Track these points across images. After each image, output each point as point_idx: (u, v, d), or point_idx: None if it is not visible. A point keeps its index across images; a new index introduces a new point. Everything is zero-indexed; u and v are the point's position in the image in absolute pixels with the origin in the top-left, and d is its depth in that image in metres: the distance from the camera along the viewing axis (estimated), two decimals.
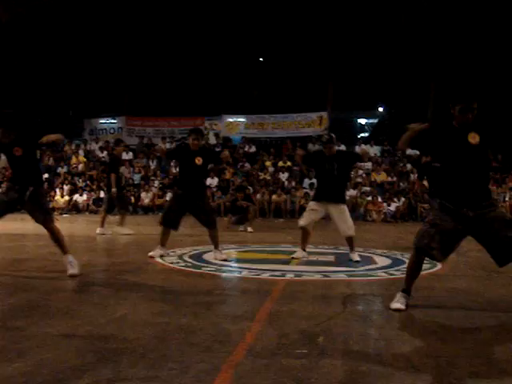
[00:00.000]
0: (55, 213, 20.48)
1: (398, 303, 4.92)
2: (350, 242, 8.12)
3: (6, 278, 6.31)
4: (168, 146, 26.21)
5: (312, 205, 8.19)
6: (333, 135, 8.36)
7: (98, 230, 12.54)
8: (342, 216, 8.02)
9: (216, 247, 8.11)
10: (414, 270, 5.13)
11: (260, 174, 23.66)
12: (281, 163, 24.29)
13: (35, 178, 6.53)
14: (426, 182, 11.94)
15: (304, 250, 8.24)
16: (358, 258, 8.03)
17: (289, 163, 24.27)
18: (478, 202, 4.79)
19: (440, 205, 4.92)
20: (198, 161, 7.89)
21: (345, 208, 8.16)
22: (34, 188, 6.36)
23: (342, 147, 25.14)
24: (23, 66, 28.54)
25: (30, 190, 6.28)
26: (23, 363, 3.27)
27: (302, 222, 8.16)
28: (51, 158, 26.39)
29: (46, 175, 24.27)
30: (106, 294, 5.48)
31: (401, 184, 22.34)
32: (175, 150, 9.05)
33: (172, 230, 8.15)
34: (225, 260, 7.91)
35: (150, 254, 8.15)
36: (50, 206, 21.28)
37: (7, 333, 3.95)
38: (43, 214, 6.36)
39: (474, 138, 4.82)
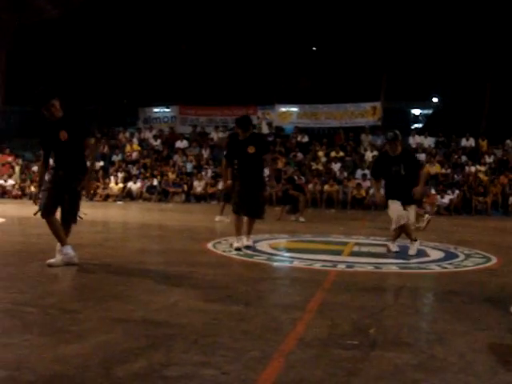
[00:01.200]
0: (109, 199, 20.92)
1: None
2: (405, 232, 7.99)
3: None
4: (221, 134, 26.39)
5: (391, 202, 7.98)
6: (397, 132, 8.04)
7: (217, 218, 12.78)
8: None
9: (249, 233, 8.07)
10: None
11: (312, 163, 23.58)
12: (333, 153, 24.16)
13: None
14: None
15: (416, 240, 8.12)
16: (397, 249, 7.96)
17: (341, 153, 24.11)
18: None
19: None
20: (251, 150, 7.86)
21: (413, 207, 8.06)
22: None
23: None
24: (80, 56, 29.09)
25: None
26: (80, 345, 3.35)
27: (401, 221, 7.98)
28: (106, 146, 26.88)
29: (101, 163, 24.79)
30: (159, 281, 5.57)
31: (455, 176, 21.94)
32: (229, 148, 8.81)
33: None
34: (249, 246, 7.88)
35: (235, 246, 7.90)
36: (105, 192, 21.74)
37: (64, 315, 4.05)
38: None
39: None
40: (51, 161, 6.44)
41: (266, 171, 8.84)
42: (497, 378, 3.03)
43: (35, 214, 6.23)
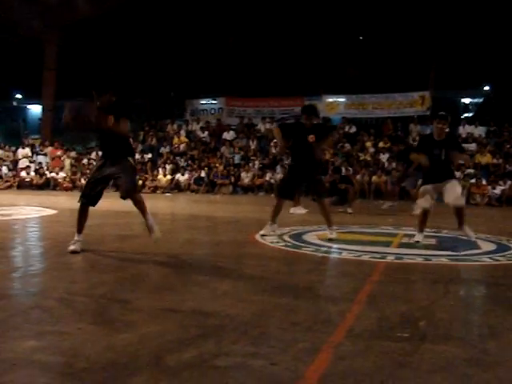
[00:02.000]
0: (158, 191, 21.17)
1: None
2: (460, 215, 7.86)
3: (112, 253, 6.59)
4: (268, 126, 26.39)
5: (425, 188, 7.92)
6: (447, 114, 8.07)
7: (292, 210, 12.85)
8: (453, 186, 7.75)
9: (329, 226, 8.12)
10: None
11: (360, 154, 23.39)
12: (381, 144, 23.90)
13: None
14: None
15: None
16: (472, 236, 7.81)
17: (389, 144, 23.85)
18: None
19: None
20: (312, 139, 7.89)
21: (456, 181, 7.92)
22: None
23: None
24: (127, 51, 29.44)
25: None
26: (131, 334, 3.42)
27: (423, 204, 7.90)
28: (154, 138, 27.18)
29: (149, 155, 25.10)
30: (208, 272, 5.62)
31: (507, 166, 21.46)
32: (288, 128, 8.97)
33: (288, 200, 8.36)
34: (331, 239, 7.93)
35: (262, 232, 8.17)
36: (153, 184, 22.02)
37: (116, 304, 4.14)
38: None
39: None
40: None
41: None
42: None
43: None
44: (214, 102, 30.26)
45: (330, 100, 28.36)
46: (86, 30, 27.94)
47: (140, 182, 22.83)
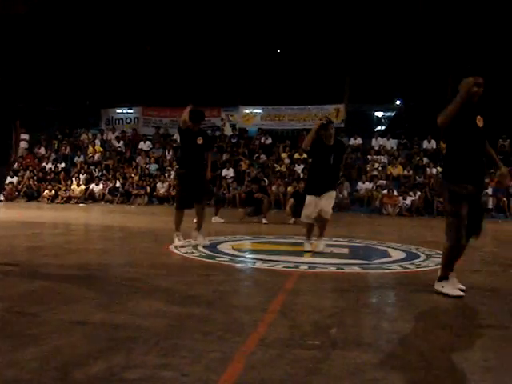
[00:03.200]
0: (71, 202, 20.66)
1: (456, 290, 5.14)
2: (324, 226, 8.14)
3: (22, 264, 6.36)
4: None
5: (308, 198, 8.11)
6: (331, 120, 8.37)
7: (213, 219, 13.11)
8: (329, 199, 7.99)
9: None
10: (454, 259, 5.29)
11: (276, 165, 23.63)
12: (297, 155, 24.23)
13: None
14: None
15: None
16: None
17: (304, 155, 24.19)
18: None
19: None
20: (199, 140, 8.24)
21: (333, 193, 8.15)
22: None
23: (359, 140, 25.14)
24: (41, 56, 28.70)
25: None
26: (38, 349, 3.30)
27: (305, 219, 8.15)
28: (68, 148, 26.58)
29: (62, 164, 24.51)
30: (120, 283, 5.51)
31: (417, 178, 22.21)
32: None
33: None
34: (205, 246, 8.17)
35: (174, 244, 8.21)
36: (67, 194, 21.48)
37: (23, 318, 3.99)
38: None
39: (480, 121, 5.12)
40: None
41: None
42: (455, 374, 3.08)
43: None
44: (130, 111, 29.93)
45: (247, 111, 28.60)
46: None
47: (53, 191, 22.25)
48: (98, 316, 4.09)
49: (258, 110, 28.66)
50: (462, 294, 5.10)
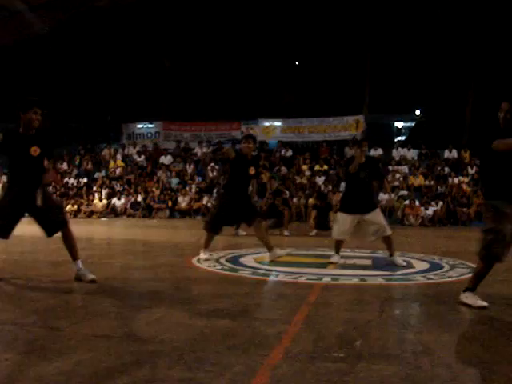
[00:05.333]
0: (94, 216, 20.79)
1: (479, 301, 5.06)
2: (388, 243, 8.04)
3: (45, 279, 6.40)
4: (205, 150, 26.44)
5: (339, 215, 8.13)
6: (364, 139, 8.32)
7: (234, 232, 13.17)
8: (376, 217, 7.95)
9: (269, 249, 8.26)
10: (481, 277, 5.23)
11: (296, 177, 23.61)
12: (317, 167, 24.21)
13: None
14: None
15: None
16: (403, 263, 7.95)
17: (325, 167, 24.17)
18: None
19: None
20: (251, 170, 8.17)
21: (378, 211, 8.08)
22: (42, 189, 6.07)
23: (379, 151, 25.05)
24: (63, 73, 29.03)
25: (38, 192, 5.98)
26: (62, 363, 3.30)
27: (337, 235, 8.15)
28: (89, 163, 26.79)
29: (84, 179, 24.70)
30: (144, 297, 5.52)
31: (439, 188, 22.06)
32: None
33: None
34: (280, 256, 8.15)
35: (198, 257, 8.27)
36: (89, 209, 21.62)
37: (47, 333, 4.00)
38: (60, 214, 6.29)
39: None
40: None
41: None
42: None
43: None
44: (150, 125, 30.13)
45: (267, 124, 28.64)
46: (19, 52, 27.40)
47: (75, 206, 22.40)
48: (121, 330, 4.09)
49: (277, 123, 28.70)
50: (485, 304, 5.03)
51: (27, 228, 6.45)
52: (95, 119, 32.07)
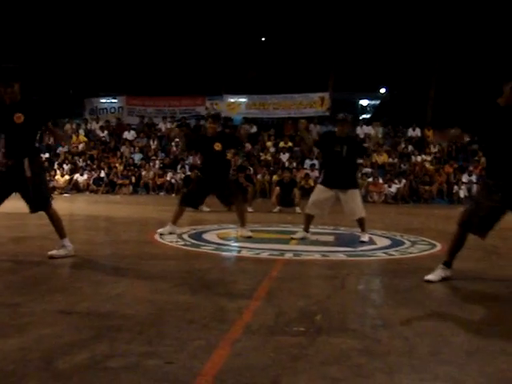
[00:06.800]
0: (55, 192, 20.51)
1: (430, 275, 5.19)
2: (361, 223, 8.11)
3: (5, 255, 6.31)
4: (169, 125, 26.23)
5: (318, 186, 8.17)
6: (347, 115, 8.27)
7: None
8: (354, 200, 8.00)
9: (242, 225, 8.35)
10: (457, 245, 5.30)
11: (261, 154, 23.61)
12: (282, 143, 24.24)
13: (32, 149, 6.03)
14: None
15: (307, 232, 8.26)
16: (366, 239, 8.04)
17: (290, 143, 24.21)
18: None
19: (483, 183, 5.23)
20: (217, 147, 8.01)
21: (357, 192, 8.14)
22: (31, 159, 5.86)
23: None
24: (24, 45, 28.40)
25: (25, 162, 5.78)
26: (21, 339, 3.26)
27: (309, 210, 8.17)
28: (51, 138, 26.34)
29: (46, 155, 24.31)
30: (105, 272, 5.48)
31: (402, 165, 22.31)
32: (193, 140, 9.19)
33: (192, 208, 8.64)
34: (249, 237, 8.09)
35: (159, 230, 8.20)
36: (51, 185, 21.32)
37: (6, 309, 3.94)
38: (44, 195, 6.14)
39: None
40: None
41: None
42: (438, 358, 3.09)
43: None
44: (114, 100, 29.74)
45: (232, 100, 28.50)
46: None
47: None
48: (82, 305, 4.06)
49: (242, 99, 28.57)
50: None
51: None
52: (57, 93, 31.49)
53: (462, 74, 26.31)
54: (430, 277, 5.17)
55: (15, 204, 6.29)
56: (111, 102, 29.74)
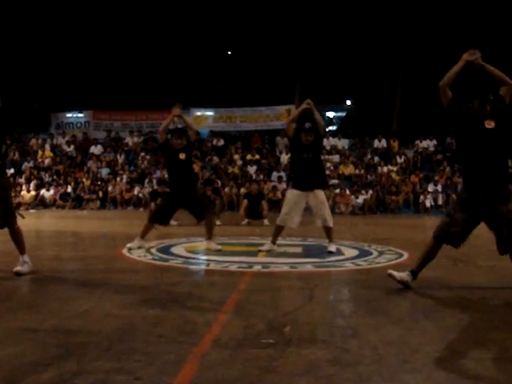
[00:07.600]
0: (21, 208, 20.21)
1: (396, 272, 5.34)
2: (329, 233, 8.16)
3: None
4: (135, 139, 26.10)
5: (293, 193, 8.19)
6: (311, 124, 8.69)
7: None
8: (323, 207, 8.05)
9: (209, 237, 8.38)
10: (429, 257, 5.40)
11: (228, 167, 23.62)
12: (249, 156, 24.28)
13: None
14: None
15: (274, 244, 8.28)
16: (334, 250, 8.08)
17: (257, 156, 24.27)
18: (493, 187, 5.07)
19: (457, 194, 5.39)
20: (182, 155, 8.10)
21: (324, 198, 8.18)
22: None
23: None
24: None
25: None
26: None
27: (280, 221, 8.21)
28: (17, 153, 26.02)
29: (11, 170, 23.96)
30: (72, 288, 5.43)
31: (368, 176, 22.50)
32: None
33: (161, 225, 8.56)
34: (219, 250, 8.09)
35: (128, 244, 8.15)
36: (16, 201, 21.01)
37: None
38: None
39: (489, 124, 5.09)
40: None
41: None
42: (406, 366, 3.12)
43: None
44: (80, 115, 29.43)
45: (198, 113, 28.42)
46: None
47: None
48: (48, 322, 4.01)
49: (209, 112, 28.54)
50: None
51: None
52: (22, 107, 31.11)
53: (427, 86, 26.69)
54: (394, 273, 5.30)
55: None
56: (77, 117, 29.44)
